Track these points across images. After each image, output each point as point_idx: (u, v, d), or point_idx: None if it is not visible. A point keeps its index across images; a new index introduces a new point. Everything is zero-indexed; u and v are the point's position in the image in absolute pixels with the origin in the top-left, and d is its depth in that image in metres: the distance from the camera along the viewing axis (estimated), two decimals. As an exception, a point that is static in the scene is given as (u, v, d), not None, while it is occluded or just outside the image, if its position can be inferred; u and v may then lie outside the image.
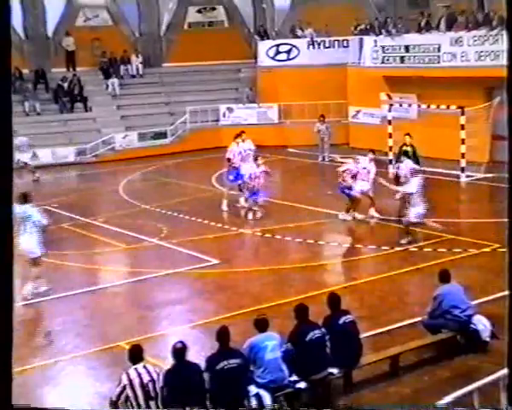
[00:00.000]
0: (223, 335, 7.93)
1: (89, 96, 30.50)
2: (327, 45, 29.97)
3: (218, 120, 30.44)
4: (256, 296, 12.05)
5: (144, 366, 7.54)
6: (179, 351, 7.65)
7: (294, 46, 30.46)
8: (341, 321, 8.80)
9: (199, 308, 11.83)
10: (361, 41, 27.47)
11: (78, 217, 18.17)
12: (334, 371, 8.59)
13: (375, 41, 26.61)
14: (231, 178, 18.54)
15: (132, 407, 7.43)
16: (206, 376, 7.71)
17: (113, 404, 7.51)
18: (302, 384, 8.29)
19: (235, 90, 32.54)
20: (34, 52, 31.03)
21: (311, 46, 30.26)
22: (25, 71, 30.21)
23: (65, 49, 31.38)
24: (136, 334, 10.45)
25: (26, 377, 9.27)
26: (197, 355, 8.23)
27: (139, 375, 7.43)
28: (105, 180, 24.37)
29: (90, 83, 31.09)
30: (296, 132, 28.07)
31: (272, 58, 30.76)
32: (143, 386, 7.39)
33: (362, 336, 9.25)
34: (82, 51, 31.41)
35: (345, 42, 29.11)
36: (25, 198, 12.68)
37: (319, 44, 30.10)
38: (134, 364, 7.53)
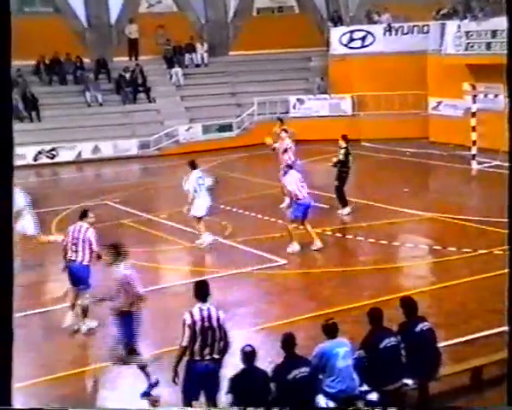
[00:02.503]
0: (288, 341, 7.93)
1: (152, 86, 31.01)
2: (405, 31, 29.55)
3: (287, 112, 30.42)
4: (325, 299, 12.01)
5: (208, 309, 7.90)
6: (248, 354, 7.69)
7: (370, 32, 30.17)
8: (418, 328, 8.68)
9: (264, 311, 11.86)
10: (443, 26, 26.97)
11: (139, 213, 18.49)
12: (409, 382, 8.48)
13: (459, 26, 26.08)
14: None
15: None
16: (273, 386, 7.72)
17: (185, 350, 7.84)
18: (374, 395, 8.21)
19: (305, 80, 32.47)
20: (96, 41, 31.73)
21: (387, 32, 29.90)
22: (86, 60, 30.96)
23: (127, 37, 31.97)
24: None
25: (85, 380, 9.51)
26: (262, 361, 8.24)
27: (202, 319, 7.79)
28: (168, 174, 24.71)
29: (154, 72, 31.62)
30: (371, 125, 27.81)
31: (346, 45, 30.56)
32: (203, 332, 7.77)
33: (440, 345, 9.09)
34: (145, 39, 31.93)
35: (425, 27, 28.64)
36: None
37: (397, 30, 29.70)
38: (200, 301, 7.88)
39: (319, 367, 8.07)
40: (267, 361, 8.45)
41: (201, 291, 8.07)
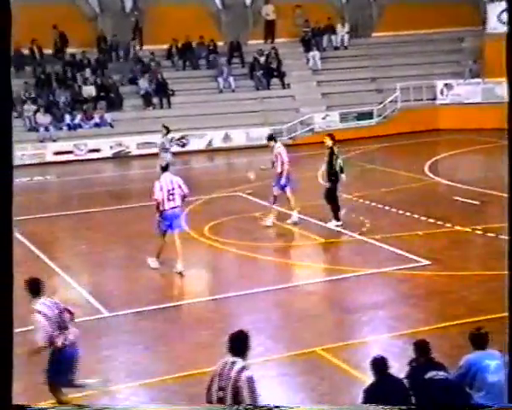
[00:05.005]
0: (423, 348, 7.83)
1: (287, 71, 31.21)
2: None
3: (434, 99, 29.80)
4: (474, 306, 11.67)
5: (47, 299, 8.46)
6: (378, 363, 7.63)
7: (534, 7, 28.93)
8: None
9: (405, 315, 11.70)
10: None
11: (271, 206, 18.67)
12: None
13: None
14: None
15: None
16: (407, 384, 7.64)
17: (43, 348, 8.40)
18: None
19: (455, 63, 31.64)
20: (231, 22, 32.29)
21: (556, 7, 28.57)
22: (220, 44, 31.59)
23: (264, 18, 32.31)
24: (334, 339, 10.58)
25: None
26: (402, 369, 8.14)
27: (51, 309, 8.34)
28: (302, 165, 24.79)
29: (289, 56, 31.81)
30: (530, 113, 26.64)
31: (506, 23, 29.44)
32: (58, 319, 8.37)
33: None
34: (282, 20, 32.14)
35: None
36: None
37: None
38: (36, 297, 8.35)
39: (466, 380, 7.87)
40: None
41: (35, 288, 8.48)
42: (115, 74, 29.88)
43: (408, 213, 17.27)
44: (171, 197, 13.67)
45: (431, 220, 16.56)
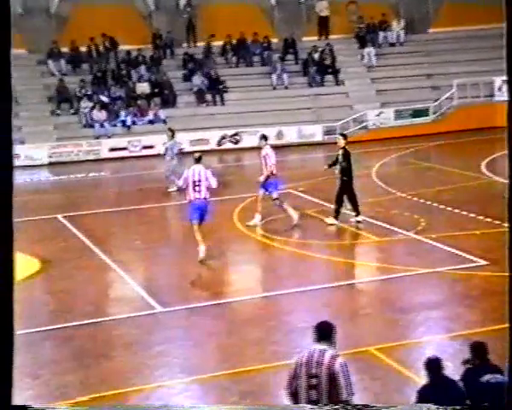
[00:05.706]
0: (480, 350, 7.73)
1: (341, 67, 31.07)
2: None
3: (492, 96, 29.33)
4: (532, 308, 11.46)
5: None
6: (433, 364, 7.56)
7: None
8: None
9: (460, 316, 11.56)
10: None
11: (324, 203, 18.63)
12: None
13: None
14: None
15: None
16: (462, 386, 7.56)
17: None
18: None
19: (514, 58, 31.07)
20: (284, 19, 32.31)
21: None
22: (274, 40, 31.62)
23: (318, 14, 32.24)
24: (387, 339, 10.51)
25: (265, 376, 9.76)
26: (457, 370, 8.05)
27: None
28: (356, 163, 24.58)
29: (344, 53, 31.69)
30: None
31: None
32: None
33: None
34: (336, 17, 32.07)
35: None
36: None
37: None
38: None
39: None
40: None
41: None
42: (169, 71, 30.14)
43: (464, 212, 17.04)
44: (196, 188, 14.13)
45: (488, 220, 16.30)
